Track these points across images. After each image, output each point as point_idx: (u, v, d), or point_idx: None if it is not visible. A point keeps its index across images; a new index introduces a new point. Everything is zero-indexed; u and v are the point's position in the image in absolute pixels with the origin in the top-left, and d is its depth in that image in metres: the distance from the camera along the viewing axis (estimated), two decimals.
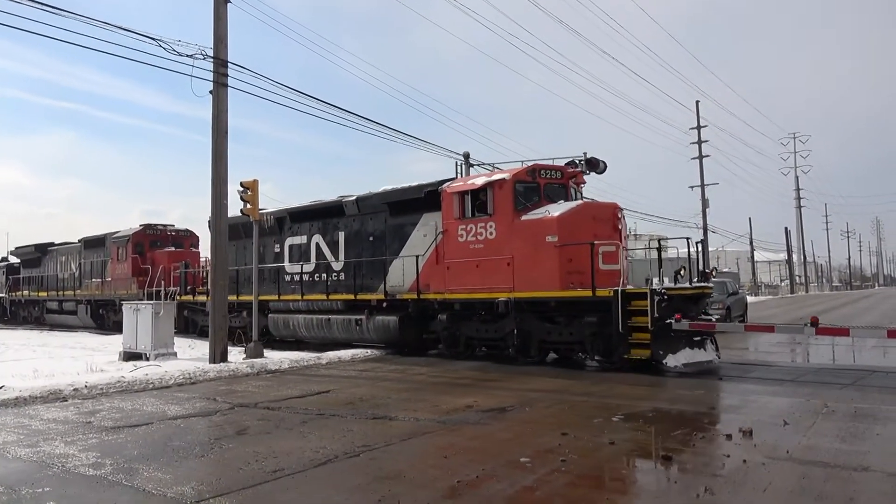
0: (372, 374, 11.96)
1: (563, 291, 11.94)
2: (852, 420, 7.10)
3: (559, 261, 12.00)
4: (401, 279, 15.01)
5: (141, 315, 15.37)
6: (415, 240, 14.86)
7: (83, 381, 10.42)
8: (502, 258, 12.71)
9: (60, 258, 30.42)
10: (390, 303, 15.11)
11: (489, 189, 13.08)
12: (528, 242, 12.42)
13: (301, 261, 17.76)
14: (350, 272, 16.22)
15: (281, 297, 17.98)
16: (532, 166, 13.35)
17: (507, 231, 12.75)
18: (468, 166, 27.03)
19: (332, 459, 5.81)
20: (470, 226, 13.35)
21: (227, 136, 13.96)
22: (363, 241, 16.24)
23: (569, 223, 12.15)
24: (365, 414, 7.96)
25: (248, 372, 12.38)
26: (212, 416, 8.16)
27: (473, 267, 13.20)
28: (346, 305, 16.17)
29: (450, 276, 13.64)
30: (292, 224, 18.34)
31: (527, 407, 8.26)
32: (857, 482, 4.89)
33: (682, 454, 5.78)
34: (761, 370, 11.10)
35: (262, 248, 18.40)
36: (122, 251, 25.27)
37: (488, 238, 13.04)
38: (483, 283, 13.01)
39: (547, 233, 12.16)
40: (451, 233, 13.71)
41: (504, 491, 4.82)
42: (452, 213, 13.69)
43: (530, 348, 12.61)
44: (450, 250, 13.70)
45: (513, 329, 12.66)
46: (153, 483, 5.19)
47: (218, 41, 13.78)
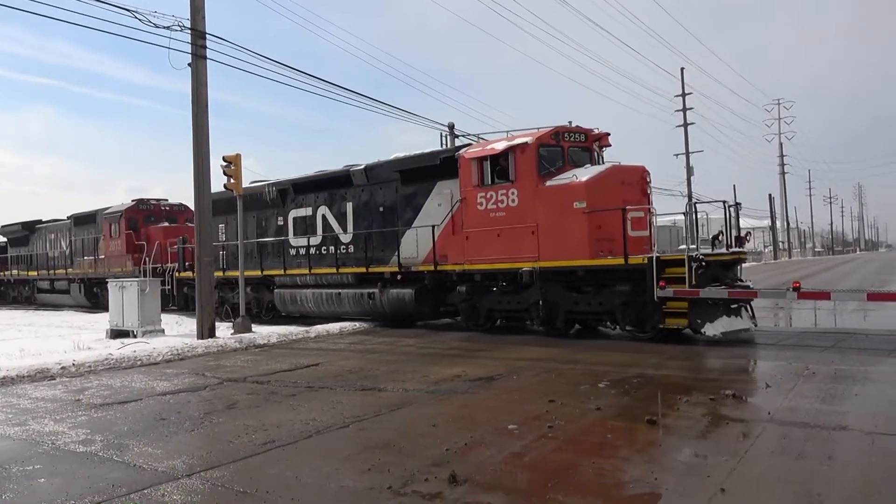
0: (361, 347, 12.02)
1: (593, 260, 11.41)
2: (832, 381, 7.25)
3: (588, 228, 11.43)
4: (414, 251, 14.46)
5: (127, 292, 15.28)
6: (429, 209, 14.28)
7: (71, 360, 10.38)
8: (526, 226, 12.17)
9: (49, 236, 29.58)
10: (405, 275, 14.57)
11: (510, 154, 12.43)
12: (553, 209, 11.85)
13: (307, 234, 17.11)
14: (360, 244, 15.74)
15: (287, 272, 17.33)
16: (555, 129, 12.57)
17: (530, 198, 12.15)
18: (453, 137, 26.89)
19: (321, 431, 5.86)
20: (490, 193, 12.75)
21: (207, 110, 13.77)
22: (373, 212, 15.63)
23: (597, 188, 11.56)
24: (354, 385, 8.02)
25: (236, 347, 12.39)
26: (201, 391, 8.18)
27: (494, 236, 12.64)
28: (356, 279, 15.65)
29: (469, 246, 13.12)
30: (296, 196, 17.58)
31: (514, 375, 8.35)
32: (836, 441, 5.01)
33: (666, 418, 5.89)
34: (744, 334, 11.24)
35: (263, 221, 18.17)
36: (116, 227, 24.60)
37: (510, 205, 12.46)
38: (505, 253, 12.49)
39: (574, 198, 11.57)
40: (469, 201, 13.13)
41: (493, 458, 4.90)
42: (471, 180, 13.08)
43: (556, 319, 12.17)
44: (469, 219, 13.14)
45: (538, 300, 12.15)
46: (144, 458, 5.22)
47: (195, 11, 13.50)
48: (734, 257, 11.40)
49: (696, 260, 10.47)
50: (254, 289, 18.26)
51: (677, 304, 10.60)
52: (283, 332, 13.97)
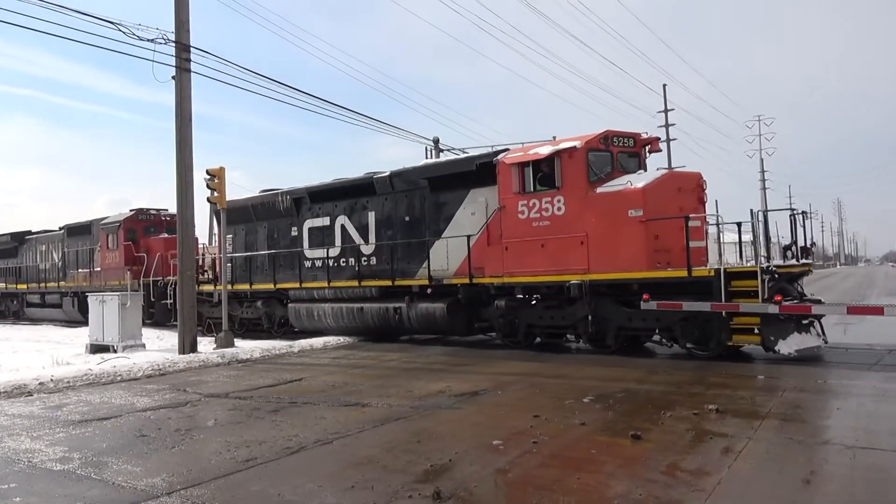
0: (345, 362, 11.94)
1: (651, 272, 10.64)
2: (817, 393, 7.30)
3: (645, 238, 10.67)
4: (444, 263, 13.64)
5: (107, 306, 15.09)
6: (461, 219, 13.48)
7: (49, 375, 10.21)
8: (574, 236, 11.40)
9: (40, 247, 28.15)
10: (435, 289, 13.73)
11: (556, 159, 11.62)
12: (605, 218, 11.09)
13: (324, 245, 16.15)
14: (383, 256, 14.86)
15: (303, 285, 16.33)
16: (604, 132, 11.79)
17: (579, 206, 11.38)
18: (438, 151, 27.02)
19: (304, 447, 5.80)
20: (533, 201, 11.93)
21: (191, 123, 13.71)
22: (398, 222, 14.77)
23: (654, 195, 10.82)
24: (338, 401, 7.95)
25: (218, 362, 12.26)
26: (182, 407, 8.07)
27: (538, 247, 11.84)
28: (381, 292, 14.72)
29: (509, 258, 12.28)
30: (312, 204, 16.62)
31: (499, 390, 8.33)
32: (819, 454, 5.04)
33: (650, 433, 5.89)
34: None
35: (276, 231, 17.38)
36: (113, 238, 23.39)
37: (556, 214, 11.65)
38: (550, 265, 11.67)
39: (630, 206, 10.82)
40: (509, 209, 12.28)
41: (477, 473, 4.87)
42: (511, 187, 12.24)
43: (606, 336, 11.41)
44: (509, 229, 12.30)
45: (586, 315, 11.38)
46: (123, 476, 5.13)
47: (180, 25, 13.47)
48: (804, 269, 10.85)
49: (769, 272, 9.82)
50: (265, 303, 17.57)
51: (746, 321, 9.91)
52: (266, 346, 13.84)
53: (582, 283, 11.25)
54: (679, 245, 10.47)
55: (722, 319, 10.06)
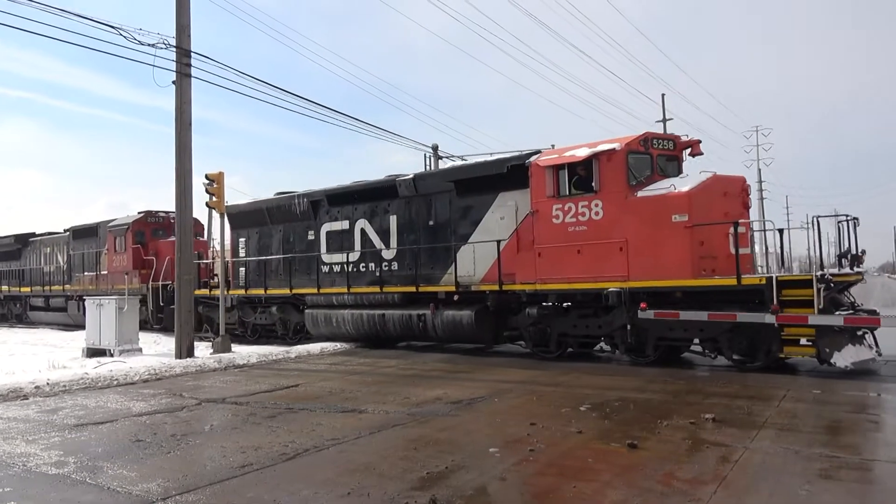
0: (341, 368, 11.92)
1: (698, 280, 10.17)
2: (815, 403, 7.31)
3: (690, 244, 10.22)
4: (471, 268, 13.25)
5: (104, 310, 15.06)
6: (489, 223, 13.09)
7: (45, 379, 10.19)
8: (612, 242, 10.97)
9: (45, 250, 27.53)
10: (462, 295, 13.31)
11: (594, 161, 11.20)
12: (647, 223, 10.64)
13: (343, 249, 15.68)
14: (405, 261, 14.46)
15: (321, 290, 15.85)
16: (644, 135, 11.43)
17: (618, 210, 10.95)
18: (437, 158, 27.06)
19: (300, 453, 5.79)
20: (569, 205, 11.48)
21: (191, 128, 13.72)
22: (421, 226, 14.34)
23: (700, 200, 10.38)
24: (334, 407, 7.94)
25: (215, 367, 12.24)
26: (178, 412, 8.05)
27: (574, 253, 11.40)
28: (404, 299, 14.27)
29: (542, 264, 11.81)
30: (331, 208, 16.14)
31: (496, 398, 8.32)
32: (815, 463, 5.04)
33: (647, 441, 5.89)
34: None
35: (291, 235, 16.97)
36: (121, 241, 22.77)
37: (593, 219, 11.21)
38: (587, 272, 11.26)
39: (674, 211, 10.37)
40: (542, 214, 11.81)
41: (473, 481, 4.86)
42: (545, 190, 11.79)
43: (646, 346, 10.99)
44: (542, 234, 11.84)
45: (624, 324, 10.95)
46: (118, 481, 5.11)
47: (181, 30, 13.50)
48: (857, 278, 10.40)
49: (825, 281, 9.40)
50: (279, 308, 17.10)
51: (800, 332, 9.47)
52: (263, 352, 13.82)
53: (621, 290, 10.82)
54: (724, 252, 10.19)
55: (773, 330, 9.65)
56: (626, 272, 10.83)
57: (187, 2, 13.64)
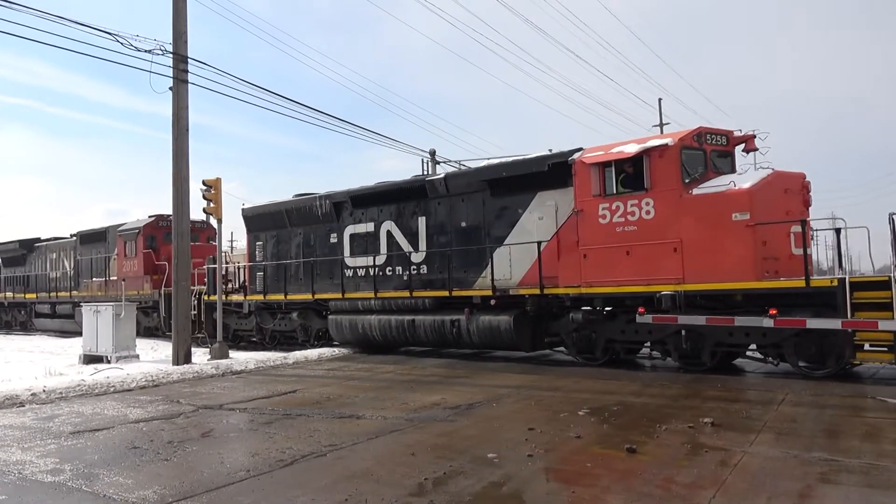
0: (339, 373, 11.89)
1: (761, 282, 9.66)
2: (813, 407, 7.30)
3: (752, 244, 9.71)
4: (507, 271, 12.77)
5: (101, 317, 15.04)
6: (526, 224, 12.59)
7: (41, 386, 10.14)
8: (665, 242, 10.46)
9: (50, 255, 27.02)
10: (500, 300, 12.75)
11: (645, 158, 10.69)
12: (704, 222, 10.13)
13: (367, 252, 15.17)
14: (435, 265, 13.96)
15: (346, 295, 15.27)
16: (697, 129, 10.93)
17: (671, 209, 10.44)
18: (434, 164, 27.08)
19: (298, 459, 5.77)
20: (616, 204, 10.97)
21: (188, 134, 13.73)
22: (453, 228, 13.84)
23: (762, 197, 9.88)
24: (332, 413, 7.91)
25: (212, 373, 12.20)
26: (175, 418, 8.02)
27: (622, 254, 10.88)
28: (435, 303, 13.70)
29: (587, 266, 11.28)
30: (354, 209, 15.61)
31: (494, 403, 8.30)
32: (814, 467, 5.02)
33: (646, 446, 5.87)
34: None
35: (312, 237, 16.49)
36: (131, 246, 22.27)
37: (644, 218, 10.70)
38: (637, 274, 10.73)
39: (734, 209, 9.86)
40: (588, 213, 11.31)
41: (472, 487, 4.84)
42: (590, 189, 11.28)
43: (701, 353, 10.45)
44: (587, 235, 11.32)
45: (678, 329, 10.43)
46: (114, 488, 5.08)
47: (177, 36, 13.52)
48: None
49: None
50: (300, 314, 16.55)
51: (874, 336, 8.91)
52: (260, 357, 13.79)
53: (676, 293, 10.27)
54: (786, 252, 9.87)
55: (846, 335, 9.10)
56: (681, 274, 10.34)
57: (184, 8, 13.66)
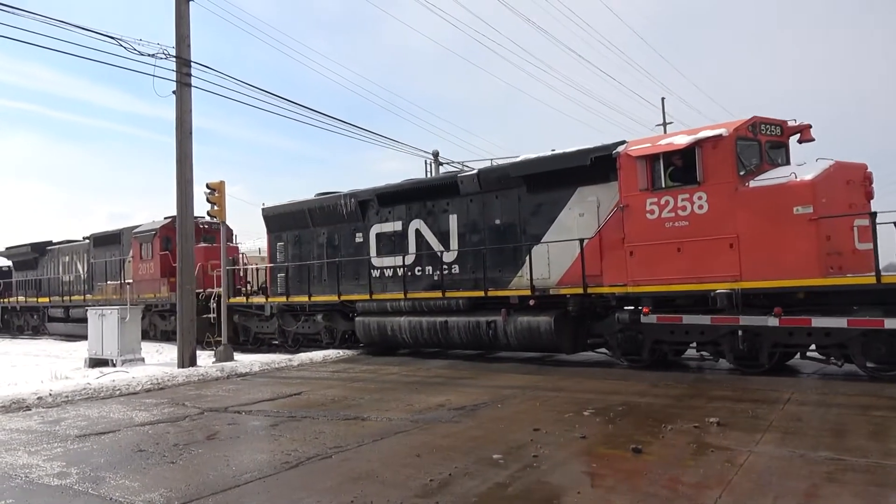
0: (344, 375, 11.90)
1: (827, 279, 9.17)
2: (820, 406, 7.27)
3: (816, 239, 9.24)
4: (545, 270, 12.23)
5: (106, 320, 15.09)
6: (565, 221, 12.10)
7: (47, 389, 10.18)
8: (721, 238, 9.96)
9: (63, 258, 26.61)
10: (539, 300, 12.25)
11: (697, 150, 10.21)
12: (763, 216, 9.64)
13: (395, 252, 14.75)
14: (468, 264, 13.54)
15: (374, 297, 14.84)
16: (752, 119, 10.33)
17: (726, 203, 9.95)
18: (437, 165, 27.09)
19: (303, 461, 5.77)
20: (666, 198, 10.49)
21: (191, 137, 13.77)
22: (487, 226, 13.39)
23: (824, 190, 9.41)
24: (337, 415, 7.92)
25: (217, 376, 12.23)
26: (180, 421, 8.04)
27: (673, 251, 10.39)
28: (469, 304, 13.24)
29: (634, 264, 10.81)
30: (381, 208, 15.18)
31: (499, 404, 8.30)
32: (820, 467, 5.01)
33: (651, 446, 5.86)
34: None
35: (337, 237, 16.07)
36: (147, 248, 21.74)
37: (696, 213, 10.22)
38: (689, 272, 10.25)
39: (796, 203, 9.37)
40: (634, 209, 10.83)
41: (477, 488, 4.84)
42: (637, 183, 10.81)
43: (759, 354, 9.90)
44: (634, 231, 10.84)
45: (734, 329, 9.96)
46: (120, 491, 5.10)
47: (180, 40, 13.56)
48: None
49: None
50: (325, 316, 16.10)
51: None
52: (265, 360, 13.81)
53: (732, 291, 9.81)
54: (849, 247, 9.46)
55: None
56: (738, 271, 9.84)
57: (187, 12, 13.70)
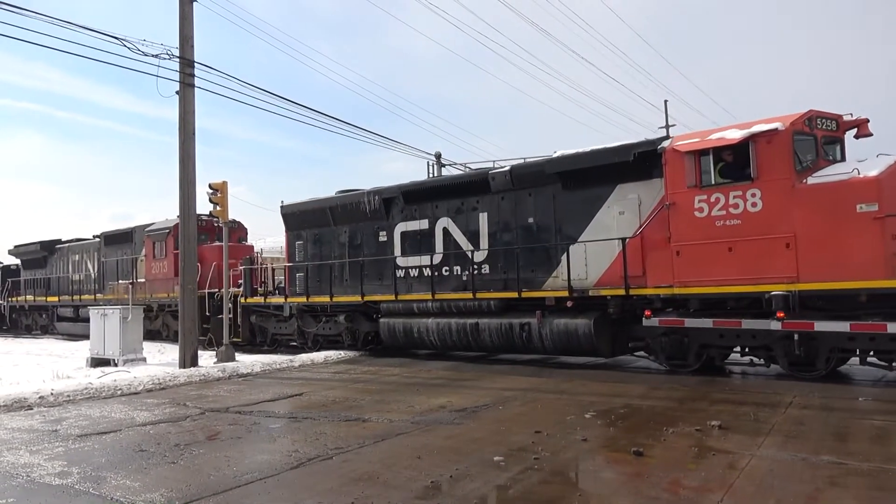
0: (345, 376, 11.90)
1: (891, 280, 8.77)
2: (822, 410, 7.25)
3: (881, 238, 8.83)
4: (583, 270, 11.83)
5: (108, 320, 15.10)
6: (604, 219, 11.70)
7: (49, 389, 10.19)
8: (776, 237, 9.55)
9: (73, 257, 26.23)
10: (577, 301, 11.85)
11: (751, 144, 9.79)
12: (822, 214, 9.23)
13: (421, 251, 14.38)
14: (499, 264, 13.14)
15: (399, 297, 14.46)
16: (808, 113, 9.92)
17: (783, 200, 9.54)
18: (440, 166, 27.12)
19: (304, 462, 5.77)
20: (716, 196, 10.10)
21: (194, 138, 13.78)
22: (518, 224, 12.98)
23: (891, 187, 8.99)
24: (338, 416, 7.92)
25: (219, 376, 12.23)
26: (182, 421, 8.04)
27: (724, 251, 9.99)
28: (501, 306, 12.87)
29: (681, 264, 10.40)
30: (406, 206, 14.77)
31: (500, 406, 8.29)
32: (822, 471, 4.99)
33: (653, 449, 5.85)
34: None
35: (359, 236, 15.69)
36: (161, 246, 21.32)
37: (748, 211, 9.81)
38: (741, 272, 9.84)
39: (859, 200, 8.97)
40: (682, 206, 10.43)
41: (478, 490, 4.83)
42: (684, 179, 10.41)
43: (816, 359, 9.46)
44: (681, 230, 10.44)
45: (789, 333, 9.48)
46: (121, 491, 5.10)
47: (184, 41, 13.58)
48: None
49: None
50: (347, 317, 15.73)
51: None
52: (266, 360, 13.82)
53: (789, 293, 9.37)
54: None
55: None
56: (795, 272, 9.41)
57: (190, 13, 13.72)
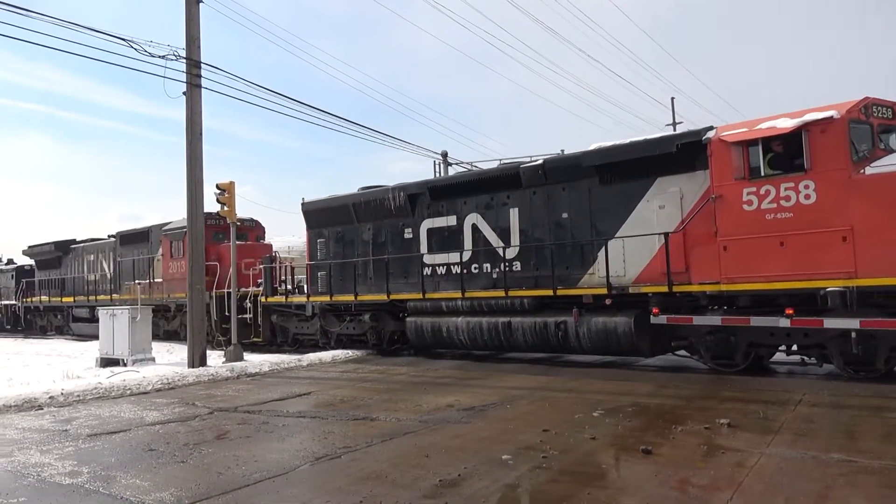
0: (353, 375, 11.92)
1: None
2: (831, 408, 7.22)
3: None
4: (621, 267, 11.42)
5: (117, 320, 15.18)
6: (644, 213, 11.25)
7: (59, 389, 10.26)
8: (832, 231, 9.15)
9: (88, 257, 26.13)
10: (616, 299, 11.41)
11: (804, 134, 9.38)
12: (882, 206, 8.82)
13: (448, 249, 14.00)
14: (531, 261, 12.69)
15: (427, 296, 14.05)
16: (864, 100, 9.50)
17: (838, 192, 9.14)
18: (446, 165, 27.12)
19: (312, 462, 5.79)
20: (766, 188, 9.68)
21: (201, 138, 13.83)
22: (551, 220, 12.52)
23: None
24: (346, 415, 7.94)
25: (227, 376, 12.28)
26: (191, 421, 8.08)
27: (775, 245, 9.58)
28: (535, 304, 12.41)
29: (728, 260, 9.99)
30: (433, 202, 14.37)
31: (507, 404, 8.29)
32: (832, 469, 4.97)
33: (661, 447, 5.83)
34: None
35: (384, 233, 15.33)
36: (178, 246, 20.96)
37: (801, 203, 9.39)
38: (794, 268, 9.42)
39: None
40: (729, 199, 10.03)
41: (486, 489, 4.83)
42: (732, 171, 10.02)
43: (875, 359, 9.08)
44: (728, 223, 10.03)
45: (846, 331, 9.08)
46: (131, 490, 5.13)
47: (190, 42, 13.63)
48: None
49: None
50: (372, 316, 15.28)
51: None
52: (275, 360, 13.86)
53: (846, 289, 8.95)
54: None
55: None
56: (853, 267, 9.00)
57: (197, 14, 13.77)
